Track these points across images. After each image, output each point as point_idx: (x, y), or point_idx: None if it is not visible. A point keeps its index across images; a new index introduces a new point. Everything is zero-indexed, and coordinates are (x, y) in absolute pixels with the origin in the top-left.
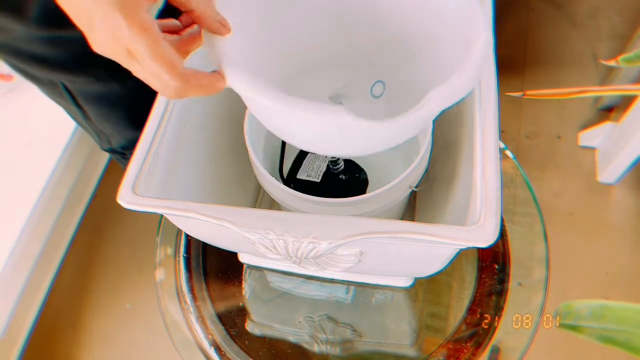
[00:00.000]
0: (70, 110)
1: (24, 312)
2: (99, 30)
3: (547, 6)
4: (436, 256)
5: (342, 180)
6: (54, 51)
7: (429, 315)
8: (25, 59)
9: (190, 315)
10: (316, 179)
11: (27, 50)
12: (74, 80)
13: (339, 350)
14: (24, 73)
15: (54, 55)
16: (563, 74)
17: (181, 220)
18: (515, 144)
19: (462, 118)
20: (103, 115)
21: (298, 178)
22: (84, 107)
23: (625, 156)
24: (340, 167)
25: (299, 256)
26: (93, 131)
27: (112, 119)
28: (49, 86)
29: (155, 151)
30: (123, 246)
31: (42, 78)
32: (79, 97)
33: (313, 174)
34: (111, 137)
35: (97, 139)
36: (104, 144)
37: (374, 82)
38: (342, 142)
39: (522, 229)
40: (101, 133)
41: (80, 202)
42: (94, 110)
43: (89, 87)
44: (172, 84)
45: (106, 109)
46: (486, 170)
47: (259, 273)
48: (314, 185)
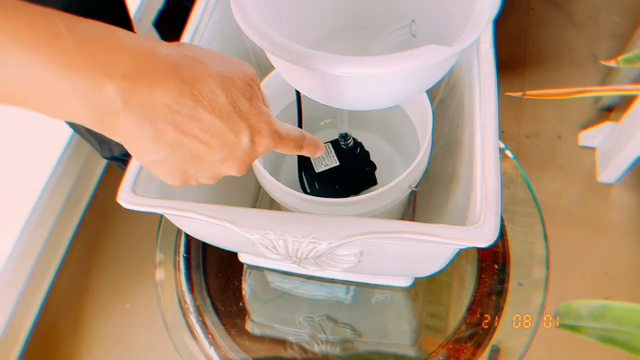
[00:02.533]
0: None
1: (24, 312)
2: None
3: (547, 6)
4: (436, 256)
5: (358, 154)
6: None
7: (429, 315)
8: None
9: (190, 315)
10: (335, 163)
11: None
12: None
13: (339, 350)
14: None
15: None
16: (563, 74)
17: (181, 220)
18: (515, 144)
19: (462, 118)
20: None
21: (319, 172)
22: None
23: (625, 156)
24: (350, 140)
25: (299, 256)
26: (94, 140)
27: None
28: None
29: None
30: (123, 246)
31: None
32: None
33: (329, 162)
34: (113, 145)
35: (99, 148)
36: (105, 153)
37: (410, 22)
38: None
39: (522, 229)
40: (103, 142)
41: (80, 202)
42: None
43: None
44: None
45: None
46: (486, 170)
47: (259, 273)
48: (338, 170)
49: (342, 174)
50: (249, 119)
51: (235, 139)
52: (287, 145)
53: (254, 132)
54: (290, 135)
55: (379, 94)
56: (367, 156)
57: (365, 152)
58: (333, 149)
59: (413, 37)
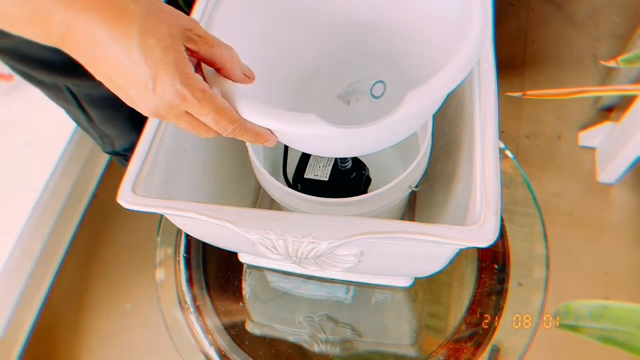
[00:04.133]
0: (74, 114)
1: (24, 312)
2: (158, 95)
3: (547, 6)
4: (436, 256)
5: (351, 179)
6: (59, 55)
7: (429, 315)
8: (31, 63)
9: (190, 315)
10: (324, 178)
11: (34, 54)
12: (78, 84)
13: (339, 350)
14: (29, 77)
15: (59, 60)
16: (563, 74)
17: (181, 220)
18: (515, 144)
19: (462, 118)
20: (107, 119)
21: (306, 178)
22: (88, 111)
23: (625, 156)
24: (348, 164)
25: (299, 256)
26: (96, 134)
27: (116, 122)
28: (54, 90)
29: (156, 151)
30: (123, 246)
31: (47, 82)
32: (84, 100)
33: (320, 173)
34: (115, 140)
35: (100, 142)
36: (107, 147)
37: (374, 83)
38: (333, 146)
39: (522, 229)
40: (104, 136)
41: (80, 202)
42: (98, 113)
43: (94, 90)
44: (230, 128)
45: (110, 112)
46: (486, 170)
47: (259, 273)
48: (322, 185)
49: (325, 190)
50: (156, 67)
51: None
52: (208, 116)
53: (156, 79)
54: (217, 106)
55: (365, 146)
56: (359, 184)
57: (358, 180)
58: (333, 165)
59: (375, 99)
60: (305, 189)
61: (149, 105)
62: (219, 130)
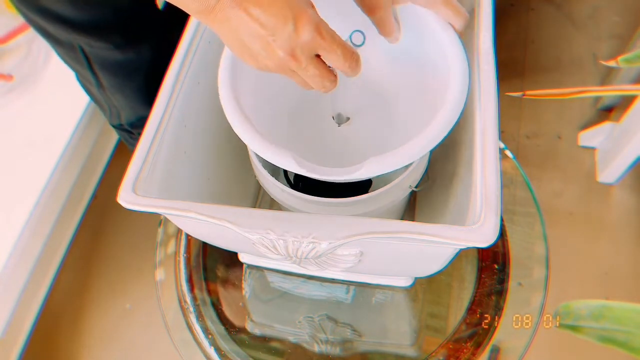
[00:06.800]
0: (85, 77)
1: (24, 312)
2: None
3: (547, 6)
4: (436, 256)
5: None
6: (77, 13)
7: (429, 315)
8: (48, 18)
9: (190, 315)
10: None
11: (52, 8)
12: (92, 45)
13: (339, 350)
14: (45, 33)
15: (77, 17)
16: (563, 74)
17: (181, 220)
18: (515, 144)
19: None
20: (117, 86)
21: (306, 178)
22: (99, 75)
23: (625, 156)
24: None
25: (299, 256)
26: (105, 103)
27: (127, 91)
28: (68, 48)
29: (156, 151)
30: (123, 246)
31: (63, 39)
32: (96, 63)
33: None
34: (122, 111)
35: (108, 113)
36: (114, 119)
37: (352, 32)
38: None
39: (522, 229)
40: (112, 106)
41: (80, 202)
42: (109, 79)
43: (107, 53)
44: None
45: (121, 79)
46: (486, 170)
47: (259, 273)
48: (323, 185)
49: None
50: (293, 9)
51: (282, 23)
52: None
53: (298, 19)
54: (337, 38)
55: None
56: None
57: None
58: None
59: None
60: (305, 189)
61: (286, 46)
62: (344, 65)
